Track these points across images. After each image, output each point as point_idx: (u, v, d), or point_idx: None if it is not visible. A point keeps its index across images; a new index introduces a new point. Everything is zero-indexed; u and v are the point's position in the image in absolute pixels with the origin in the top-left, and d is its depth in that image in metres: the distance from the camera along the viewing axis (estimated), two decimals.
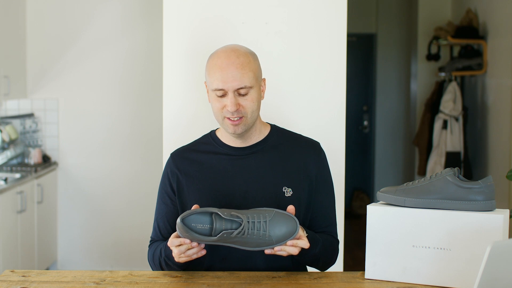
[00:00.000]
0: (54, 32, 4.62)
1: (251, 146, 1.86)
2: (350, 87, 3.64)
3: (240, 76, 1.75)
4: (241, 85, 1.75)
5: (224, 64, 1.76)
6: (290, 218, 1.62)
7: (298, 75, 2.56)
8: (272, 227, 1.61)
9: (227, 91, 1.76)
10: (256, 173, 1.83)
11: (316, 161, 1.88)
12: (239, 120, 1.77)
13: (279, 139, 1.89)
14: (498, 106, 4.45)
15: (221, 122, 1.81)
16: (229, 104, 1.75)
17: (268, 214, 1.62)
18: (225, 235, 1.59)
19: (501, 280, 1.30)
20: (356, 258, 4.54)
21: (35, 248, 4.24)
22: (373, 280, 1.69)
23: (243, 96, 1.77)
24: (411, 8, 6.32)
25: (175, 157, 1.90)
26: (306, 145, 1.90)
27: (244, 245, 1.62)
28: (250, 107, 1.78)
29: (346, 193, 5.65)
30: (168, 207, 1.87)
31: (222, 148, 1.87)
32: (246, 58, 1.79)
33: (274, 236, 1.61)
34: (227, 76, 1.75)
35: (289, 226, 1.62)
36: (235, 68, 1.75)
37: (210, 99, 1.83)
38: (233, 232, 1.59)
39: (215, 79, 1.77)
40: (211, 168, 1.85)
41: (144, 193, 4.59)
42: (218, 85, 1.76)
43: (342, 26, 2.53)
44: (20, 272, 1.76)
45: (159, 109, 3.69)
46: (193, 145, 1.93)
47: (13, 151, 4.42)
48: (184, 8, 2.54)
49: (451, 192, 1.62)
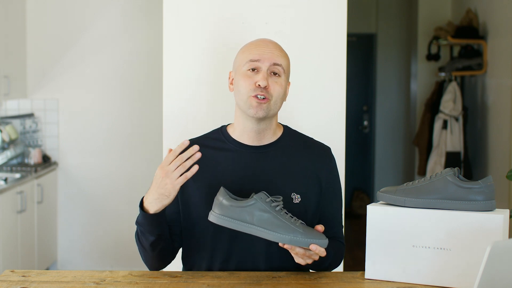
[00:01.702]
0: (54, 32, 4.62)
1: (263, 146, 1.83)
2: (350, 87, 3.64)
3: (278, 54, 1.78)
4: (278, 61, 1.77)
5: (262, 42, 1.80)
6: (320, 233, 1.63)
7: (298, 75, 2.56)
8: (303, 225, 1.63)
9: (261, 66, 1.76)
10: (265, 175, 1.79)
11: (327, 167, 1.86)
12: (265, 100, 1.74)
13: (291, 142, 1.86)
14: (498, 106, 4.45)
15: (245, 100, 1.76)
16: (261, 78, 1.74)
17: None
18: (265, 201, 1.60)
19: (501, 280, 1.30)
20: (356, 258, 4.54)
21: (35, 248, 4.24)
22: (373, 280, 1.69)
23: (274, 76, 1.77)
24: (411, 8, 6.32)
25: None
26: (317, 150, 1.88)
27: (272, 228, 1.60)
28: (278, 91, 1.77)
29: (346, 193, 5.64)
30: None
31: (232, 145, 1.83)
32: (282, 48, 1.83)
33: (302, 229, 1.60)
34: (265, 50, 1.77)
35: (319, 234, 1.61)
36: (273, 46, 1.79)
37: (239, 78, 1.79)
38: (274, 203, 1.60)
39: (250, 53, 1.77)
40: (219, 165, 1.81)
41: (144, 193, 4.52)
42: (254, 56, 1.76)
43: (342, 26, 2.53)
44: (20, 272, 1.76)
45: (159, 109, 3.69)
46: (202, 139, 1.87)
47: (13, 151, 4.42)
48: (184, 8, 2.54)
49: (451, 192, 1.62)
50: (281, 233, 1.59)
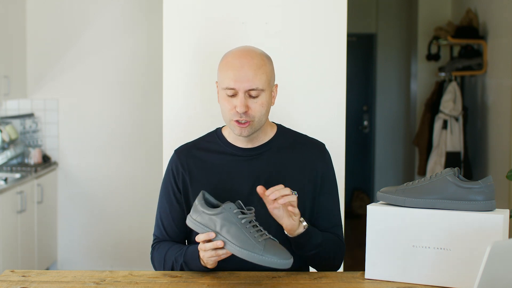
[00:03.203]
0: (54, 32, 4.61)
1: (257, 148, 1.84)
2: (350, 87, 3.64)
3: (253, 77, 1.73)
4: (253, 87, 1.73)
5: (238, 64, 1.74)
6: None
7: (298, 75, 2.56)
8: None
9: (238, 91, 1.74)
10: (261, 176, 1.81)
11: (321, 163, 1.87)
12: (246, 124, 1.76)
13: (285, 141, 1.88)
14: (498, 106, 4.45)
15: (228, 123, 1.79)
16: (239, 104, 1.72)
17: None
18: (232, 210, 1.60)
19: (501, 280, 1.30)
20: (356, 258, 4.53)
21: (35, 248, 4.24)
22: (373, 280, 1.69)
23: (253, 99, 1.75)
24: (411, 8, 6.32)
25: (179, 154, 1.87)
26: (311, 147, 1.89)
27: (233, 240, 1.58)
28: (259, 111, 1.76)
29: (346, 193, 5.64)
30: (172, 205, 1.85)
31: (227, 148, 1.85)
32: (261, 60, 1.77)
33: (264, 245, 1.57)
34: (239, 76, 1.73)
35: (282, 253, 1.57)
36: (248, 69, 1.73)
37: (220, 98, 1.80)
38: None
39: (227, 78, 1.75)
40: (215, 168, 1.83)
41: (144, 193, 4.59)
42: (229, 84, 1.74)
43: (342, 26, 2.53)
44: (20, 272, 1.76)
45: (159, 109, 3.69)
46: (198, 143, 1.90)
47: (13, 151, 4.42)
48: (184, 8, 2.54)
49: (451, 192, 1.62)
50: (239, 247, 1.57)
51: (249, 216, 1.61)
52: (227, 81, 1.75)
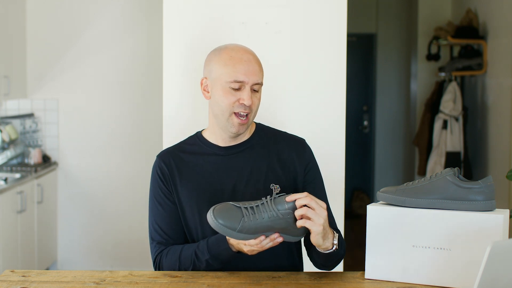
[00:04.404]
0: (54, 32, 4.62)
1: (237, 145, 1.86)
2: (350, 87, 3.64)
3: (259, 71, 1.79)
4: (259, 81, 1.78)
5: (246, 58, 1.78)
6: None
7: (298, 75, 2.56)
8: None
9: (245, 84, 1.76)
10: (243, 172, 1.83)
11: (301, 156, 1.88)
12: (246, 118, 1.78)
13: (264, 137, 1.90)
14: (498, 106, 4.45)
15: (227, 118, 1.79)
16: (246, 97, 1.75)
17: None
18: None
19: (501, 280, 1.30)
20: (356, 258, 4.53)
21: (35, 248, 4.24)
22: (373, 280, 1.69)
23: (255, 93, 1.79)
24: (411, 8, 6.32)
25: (163, 157, 1.88)
26: (290, 142, 1.90)
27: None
28: (257, 105, 1.81)
29: (346, 193, 5.64)
30: (167, 207, 1.85)
31: (209, 149, 1.87)
32: (258, 58, 1.84)
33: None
34: (249, 69, 1.76)
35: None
36: (255, 63, 1.79)
37: (218, 93, 1.80)
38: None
39: (235, 71, 1.76)
40: (198, 169, 1.84)
41: (144, 193, 4.55)
42: (238, 77, 1.75)
43: (342, 26, 2.53)
44: (20, 272, 1.76)
45: (159, 109, 3.69)
46: (180, 146, 1.91)
47: (13, 151, 4.42)
48: (184, 8, 2.54)
49: (451, 192, 1.62)
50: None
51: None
52: (235, 75, 1.76)
